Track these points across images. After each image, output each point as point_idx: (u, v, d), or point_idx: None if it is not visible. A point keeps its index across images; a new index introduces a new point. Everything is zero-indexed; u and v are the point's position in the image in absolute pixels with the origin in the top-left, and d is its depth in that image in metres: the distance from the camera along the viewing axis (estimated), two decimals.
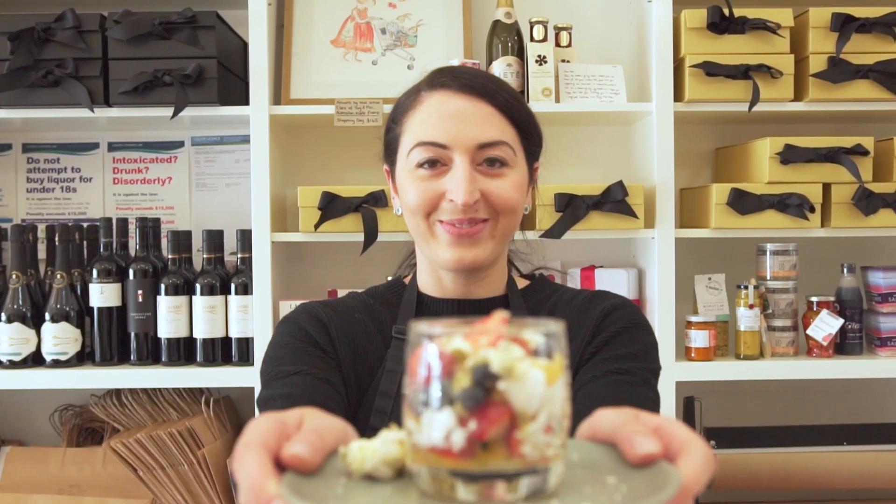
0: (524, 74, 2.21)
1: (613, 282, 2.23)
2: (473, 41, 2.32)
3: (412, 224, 1.20)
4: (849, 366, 2.17)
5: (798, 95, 2.17)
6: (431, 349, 0.55)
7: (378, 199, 2.09)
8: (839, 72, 2.12)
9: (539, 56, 2.18)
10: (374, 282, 1.34)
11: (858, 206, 2.11)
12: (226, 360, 2.17)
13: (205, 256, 2.18)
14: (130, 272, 2.16)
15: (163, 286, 2.15)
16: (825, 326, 2.17)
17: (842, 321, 2.18)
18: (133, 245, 2.23)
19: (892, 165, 2.16)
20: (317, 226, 2.10)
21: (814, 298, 2.22)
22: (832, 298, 2.22)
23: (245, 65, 2.20)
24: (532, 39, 2.21)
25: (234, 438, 2.22)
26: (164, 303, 2.15)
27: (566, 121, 2.34)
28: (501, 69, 2.20)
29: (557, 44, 2.26)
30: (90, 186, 2.43)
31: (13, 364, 2.14)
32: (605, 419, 0.62)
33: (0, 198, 2.43)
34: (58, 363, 2.14)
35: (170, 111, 2.07)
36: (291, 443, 0.57)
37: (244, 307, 2.15)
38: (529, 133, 1.20)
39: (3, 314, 2.14)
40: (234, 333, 2.16)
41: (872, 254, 2.41)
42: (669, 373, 2.02)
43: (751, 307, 2.17)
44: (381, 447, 0.58)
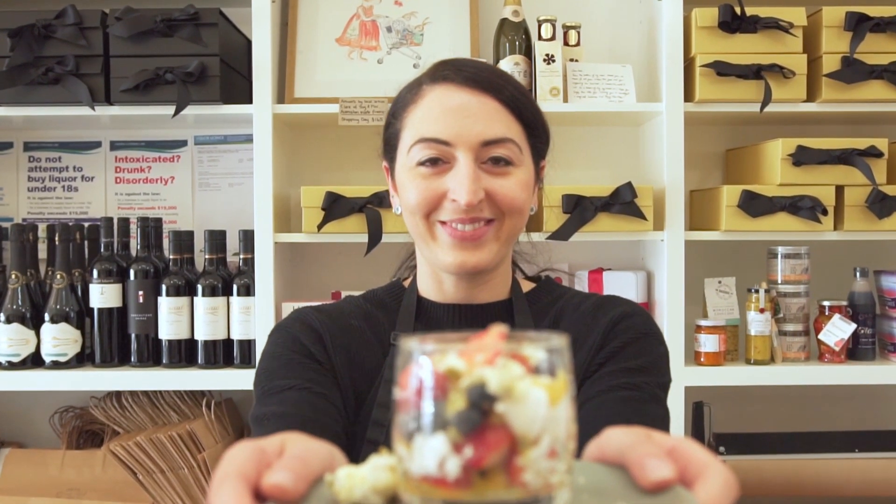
0: (532, 73, 2.18)
1: (621, 285, 2.19)
2: (480, 39, 2.29)
3: (411, 224, 1.14)
4: (861, 372, 2.14)
5: (811, 96, 2.13)
6: (422, 367, 0.50)
7: (382, 200, 2.06)
8: (853, 72, 2.08)
9: (547, 55, 2.15)
10: (378, 284, 1.29)
11: (872, 209, 2.07)
12: (227, 363, 2.14)
13: (207, 257, 2.16)
14: (131, 273, 2.14)
15: (164, 287, 2.12)
16: (837, 331, 2.14)
17: (854, 326, 2.14)
18: (134, 245, 2.20)
19: None
20: (320, 226, 2.07)
21: (826, 303, 2.18)
22: (845, 303, 2.18)
23: (248, 63, 2.17)
24: (540, 38, 2.18)
25: (236, 442, 2.19)
26: (166, 304, 2.12)
27: (574, 121, 2.31)
28: (509, 68, 2.17)
29: (566, 42, 2.22)
30: (92, 186, 2.40)
31: (12, 365, 2.11)
32: (615, 439, 0.57)
33: (1, 197, 2.41)
34: (57, 364, 2.11)
35: (172, 109, 2.04)
36: (272, 471, 0.52)
37: (246, 309, 2.12)
38: (536, 130, 1.14)
39: (3, 314, 2.11)
40: (236, 335, 2.13)
41: (886, 257, 2.37)
42: (678, 378, 1.98)
43: (761, 311, 2.13)
44: (371, 474, 0.53)
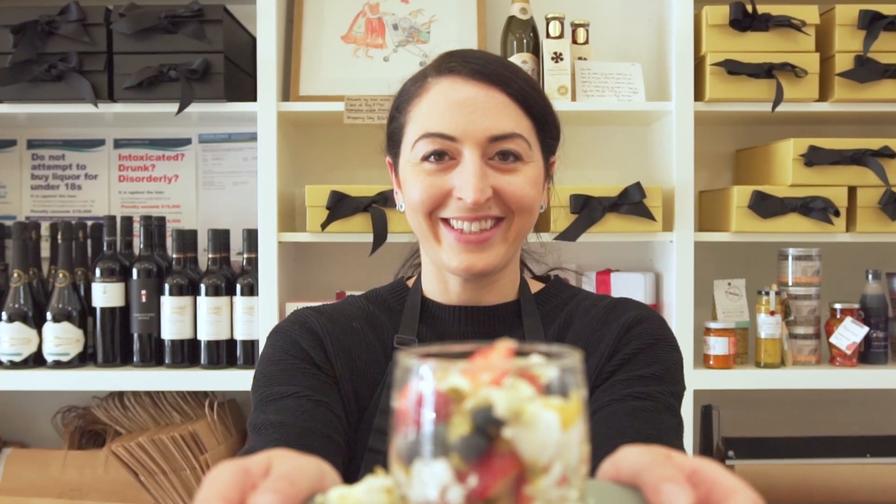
0: (540, 72, 2.15)
1: (630, 286, 2.17)
2: (488, 37, 2.26)
3: (414, 222, 1.09)
4: (873, 375, 2.10)
5: (823, 95, 2.10)
6: (422, 387, 0.45)
7: (388, 199, 2.03)
8: (866, 71, 2.05)
9: (555, 53, 2.13)
10: (383, 284, 1.24)
11: (885, 211, 2.04)
12: (230, 363, 2.12)
13: (210, 256, 2.13)
14: (134, 272, 2.12)
15: (167, 286, 2.10)
16: (849, 335, 2.11)
17: (866, 329, 2.11)
18: (137, 244, 2.18)
19: None
20: (324, 226, 2.05)
21: (837, 305, 2.15)
22: (856, 306, 2.15)
23: (253, 60, 2.15)
24: (548, 36, 2.16)
25: (239, 443, 2.18)
26: (168, 303, 2.10)
27: (583, 120, 2.28)
28: None
29: (574, 41, 2.20)
30: (95, 184, 2.39)
31: (14, 365, 2.09)
32: (631, 458, 0.53)
33: (4, 195, 2.39)
34: (59, 364, 2.09)
35: (175, 107, 2.02)
36: (257, 493, 0.49)
37: (250, 308, 2.10)
38: (546, 124, 1.10)
39: (5, 313, 2.10)
40: (240, 335, 2.11)
41: None
42: (687, 381, 1.95)
43: (772, 314, 2.10)
44: (366, 497, 0.49)
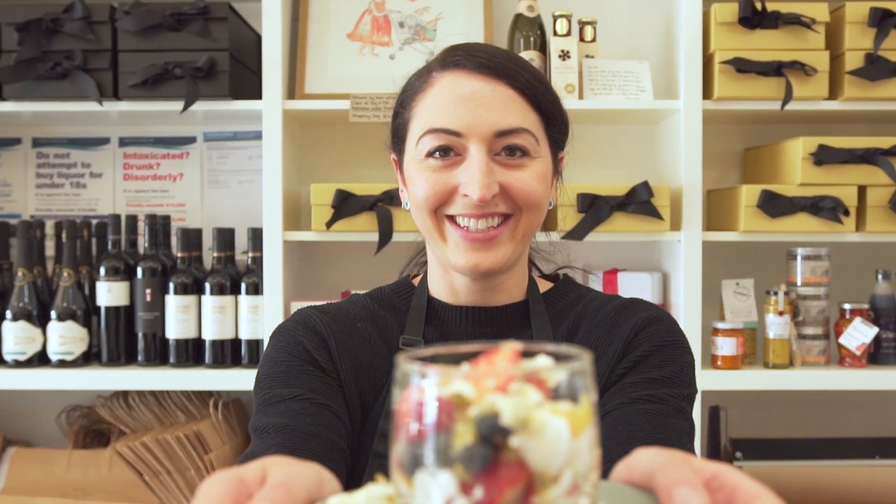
0: (547, 70, 2.13)
1: (637, 286, 2.15)
2: (494, 35, 2.25)
3: (420, 220, 1.07)
4: (883, 376, 2.08)
5: (833, 94, 2.08)
6: (423, 393, 0.43)
7: (393, 198, 2.02)
8: (877, 69, 2.03)
9: (562, 51, 2.11)
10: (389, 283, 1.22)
11: (895, 210, 2.02)
12: (235, 362, 2.11)
13: (215, 255, 2.12)
14: (139, 271, 2.11)
15: (171, 285, 2.09)
16: (858, 335, 2.09)
17: (876, 330, 2.09)
18: (142, 243, 2.17)
19: None
20: (330, 224, 2.04)
21: (847, 306, 2.13)
22: (866, 306, 2.13)
23: (258, 58, 2.14)
24: (555, 34, 2.14)
25: (243, 443, 2.17)
26: (173, 302, 2.09)
27: (590, 118, 2.26)
28: None
29: (581, 38, 2.18)
30: (100, 182, 2.38)
31: (18, 364, 2.09)
32: (644, 459, 0.51)
33: (9, 193, 2.39)
34: (63, 363, 2.09)
35: (180, 105, 2.01)
36: (253, 503, 0.48)
37: (255, 308, 2.09)
38: (554, 119, 1.08)
39: (9, 312, 2.09)
40: (244, 335, 2.10)
41: None
42: None
43: (780, 314, 2.08)
44: None
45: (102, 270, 2.10)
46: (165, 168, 2.37)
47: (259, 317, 2.09)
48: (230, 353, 2.10)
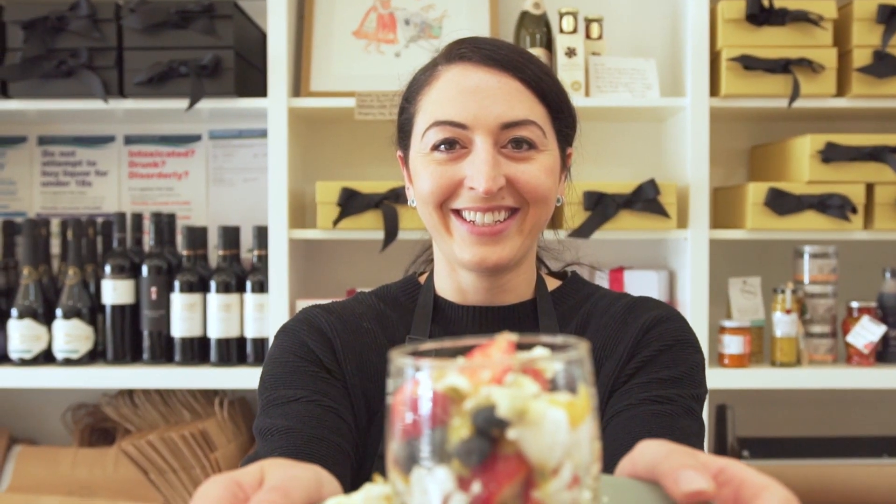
0: (553, 67, 2.13)
1: (643, 284, 2.14)
2: (500, 32, 2.24)
3: (425, 215, 1.05)
4: (891, 375, 2.07)
5: (841, 91, 2.07)
6: (418, 387, 0.42)
7: (399, 196, 2.02)
8: (885, 66, 2.02)
9: (568, 48, 2.10)
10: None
11: None
12: (241, 361, 2.11)
13: (220, 253, 2.12)
14: (144, 269, 2.11)
15: (177, 283, 2.09)
16: (866, 333, 2.08)
17: (884, 328, 2.08)
18: (147, 241, 2.17)
19: None
20: (335, 222, 2.04)
21: (854, 304, 2.12)
22: (874, 304, 2.12)
23: (264, 56, 2.14)
24: (561, 31, 2.13)
25: (249, 442, 2.16)
26: (178, 300, 2.09)
27: (596, 116, 2.25)
28: None
29: (588, 36, 2.18)
30: (105, 180, 2.38)
31: (24, 362, 2.09)
32: (648, 451, 0.51)
33: (14, 191, 2.39)
34: (69, 361, 2.09)
35: (185, 103, 2.01)
36: None
37: (260, 306, 2.09)
38: (562, 112, 1.06)
39: (15, 310, 2.09)
40: (250, 333, 2.10)
41: None
42: None
43: (788, 312, 2.07)
44: None
45: (108, 268, 2.10)
46: (171, 166, 2.37)
47: (264, 315, 2.08)
48: (235, 352, 2.10)
